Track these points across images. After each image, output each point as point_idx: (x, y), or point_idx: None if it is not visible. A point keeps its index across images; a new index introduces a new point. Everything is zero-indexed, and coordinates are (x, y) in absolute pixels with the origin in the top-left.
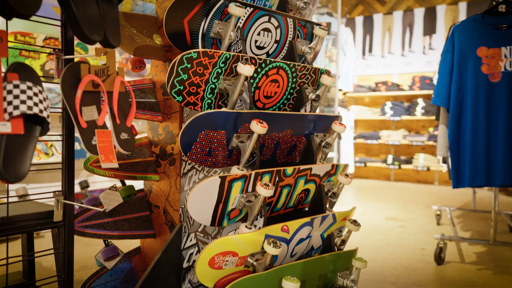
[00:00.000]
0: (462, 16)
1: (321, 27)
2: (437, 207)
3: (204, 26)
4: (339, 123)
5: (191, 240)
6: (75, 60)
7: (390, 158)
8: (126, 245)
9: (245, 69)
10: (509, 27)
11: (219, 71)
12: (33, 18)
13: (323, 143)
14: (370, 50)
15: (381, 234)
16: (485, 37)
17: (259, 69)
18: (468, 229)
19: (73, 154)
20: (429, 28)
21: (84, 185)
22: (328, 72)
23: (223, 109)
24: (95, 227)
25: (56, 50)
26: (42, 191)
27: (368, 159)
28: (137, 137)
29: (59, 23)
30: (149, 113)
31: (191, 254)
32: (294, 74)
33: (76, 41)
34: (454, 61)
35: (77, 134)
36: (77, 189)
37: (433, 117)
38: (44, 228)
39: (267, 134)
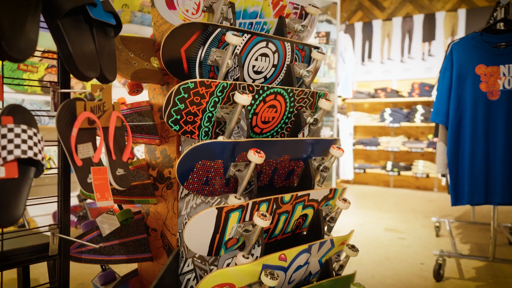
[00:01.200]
0: (462, 22)
1: (319, 50)
2: (436, 218)
3: (201, 54)
4: (337, 147)
5: (188, 266)
6: (73, 90)
7: (389, 165)
8: (123, 266)
9: (242, 99)
10: (508, 45)
11: (216, 99)
12: None
13: (321, 167)
14: (370, 56)
15: (380, 247)
16: (483, 55)
17: (256, 96)
18: (467, 241)
19: (69, 186)
20: (429, 34)
21: (82, 197)
22: (326, 95)
23: (220, 139)
24: (91, 253)
25: (53, 83)
26: (40, 206)
27: (367, 165)
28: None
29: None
30: (146, 137)
31: (188, 279)
32: (292, 99)
33: None
34: (452, 79)
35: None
36: (75, 201)
37: (433, 124)
38: (40, 261)
39: (265, 161)
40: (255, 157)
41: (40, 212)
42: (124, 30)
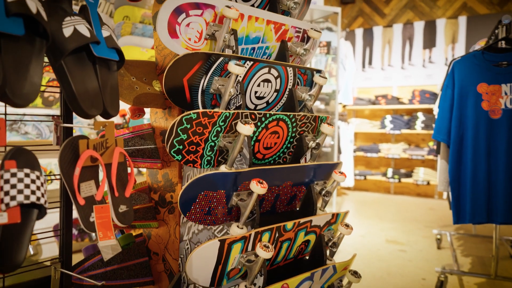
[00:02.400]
0: (462, 30)
1: (321, 74)
2: (438, 231)
3: (204, 83)
4: (339, 172)
5: None
6: (76, 125)
7: (390, 172)
8: None
9: (245, 129)
10: (509, 64)
11: (219, 129)
12: None
13: (323, 192)
14: (370, 63)
15: (381, 261)
16: (485, 73)
17: (259, 123)
18: (469, 254)
19: (71, 221)
20: (429, 41)
21: None
22: (327, 119)
23: (222, 168)
24: (93, 278)
25: (55, 117)
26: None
27: (368, 171)
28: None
29: None
30: (148, 161)
31: None
32: (294, 124)
33: None
34: (454, 97)
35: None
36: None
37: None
38: None
39: (267, 188)
40: (258, 188)
41: (41, 225)
42: (126, 42)
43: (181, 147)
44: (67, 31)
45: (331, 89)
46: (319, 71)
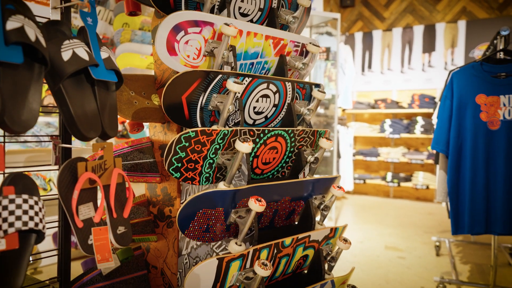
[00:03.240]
0: (462, 34)
1: (319, 89)
2: (437, 238)
3: (202, 100)
4: (337, 186)
5: None
6: (74, 146)
7: (389, 176)
8: None
9: (243, 147)
10: (508, 75)
11: (217, 146)
12: None
13: (321, 206)
14: (370, 66)
15: (380, 268)
16: (484, 84)
17: (257, 139)
18: (468, 261)
19: (69, 241)
20: (429, 45)
21: None
22: (326, 133)
23: (221, 185)
24: None
25: (54, 137)
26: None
27: (367, 175)
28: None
29: None
30: (147, 175)
31: None
32: (293, 139)
33: None
34: (453, 108)
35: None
36: None
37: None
38: None
39: (266, 204)
40: (256, 206)
41: None
42: (125, 49)
43: (179, 165)
44: (66, 55)
45: (331, 93)
46: (317, 86)
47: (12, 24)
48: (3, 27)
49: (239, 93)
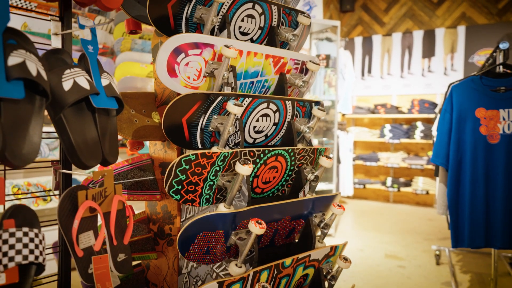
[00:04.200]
0: (461, 39)
1: (319, 107)
2: (436, 247)
3: (202, 122)
4: (337, 205)
5: None
6: (75, 173)
7: (389, 181)
8: None
9: (244, 170)
10: (507, 89)
11: (218, 168)
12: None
13: (322, 224)
14: (369, 71)
15: (380, 278)
16: (483, 98)
17: (257, 160)
18: (468, 270)
19: (69, 268)
20: (428, 50)
21: None
22: (326, 151)
23: (221, 206)
24: None
25: (54, 162)
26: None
27: (367, 180)
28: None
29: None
30: (147, 193)
31: None
32: (293, 158)
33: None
34: (452, 121)
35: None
36: None
37: (432, 140)
38: None
39: (266, 224)
40: (257, 229)
41: None
42: (125, 58)
43: (180, 187)
44: (67, 85)
45: (330, 99)
46: (317, 103)
47: (13, 59)
48: (4, 63)
49: (244, 103)
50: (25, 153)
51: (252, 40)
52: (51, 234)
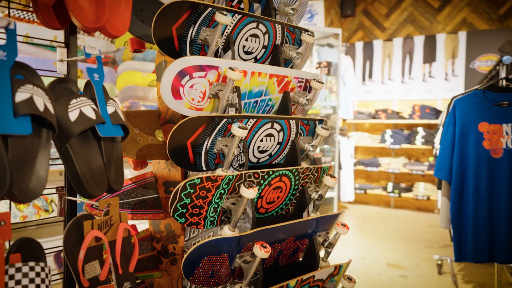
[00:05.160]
0: (462, 45)
1: (323, 126)
2: (438, 256)
3: (207, 144)
4: (342, 224)
5: None
6: (80, 199)
7: (390, 186)
8: None
9: (249, 193)
10: (510, 104)
11: (222, 191)
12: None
13: (326, 243)
14: (370, 76)
15: None
16: (486, 112)
17: (262, 181)
18: (470, 280)
19: None
20: (429, 56)
21: None
22: (330, 169)
23: (226, 229)
24: None
25: (59, 188)
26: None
27: (368, 185)
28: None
29: None
30: (151, 212)
31: None
32: (297, 177)
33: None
34: (455, 135)
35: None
36: None
37: (432, 146)
38: None
39: (271, 246)
40: (261, 252)
41: None
42: (127, 67)
43: (184, 210)
44: (73, 115)
45: (331, 105)
46: (321, 122)
47: (21, 95)
48: (12, 99)
49: (248, 124)
50: (32, 188)
51: (256, 59)
52: (52, 244)
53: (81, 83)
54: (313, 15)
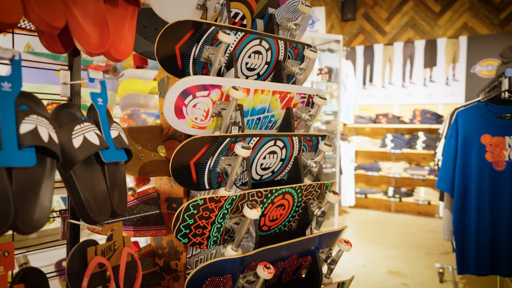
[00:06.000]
0: (463, 50)
1: (326, 142)
2: (440, 264)
3: (210, 164)
4: (345, 241)
5: None
6: (83, 223)
7: (390, 191)
8: None
9: (252, 214)
10: None
11: (225, 212)
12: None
13: (328, 260)
14: (371, 80)
15: None
16: (489, 125)
17: (265, 200)
18: None
19: None
20: (430, 60)
21: None
22: (333, 185)
23: (229, 251)
24: None
25: (62, 211)
26: (43, 256)
27: (368, 190)
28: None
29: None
30: (153, 228)
31: None
32: (300, 194)
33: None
34: (458, 147)
35: None
36: None
37: (434, 152)
38: None
39: (274, 265)
40: (265, 273)
41: (43, 263)
42: (128, 75)
43: (187, 231)
44: (77, 142)
45: (332, 110)
46: (323, 138)
47: (25, 127)
48: (17, 131)
49: (251, 142)
50: (36, 219)
51: (258, 75)
52: (54, 253)
53: (84, 92)
54: (314, 21)
